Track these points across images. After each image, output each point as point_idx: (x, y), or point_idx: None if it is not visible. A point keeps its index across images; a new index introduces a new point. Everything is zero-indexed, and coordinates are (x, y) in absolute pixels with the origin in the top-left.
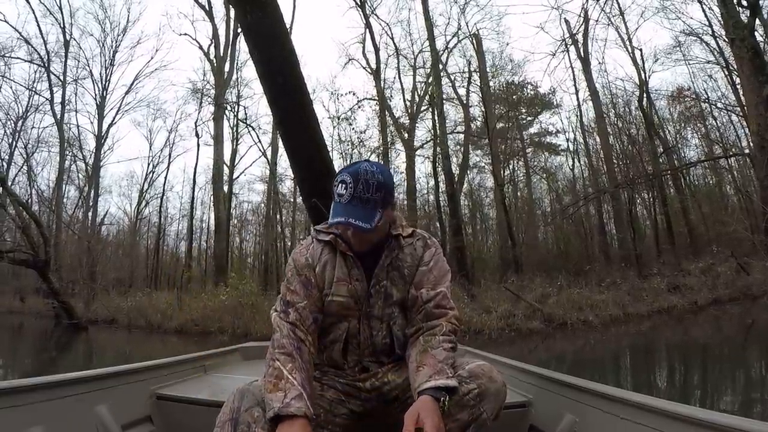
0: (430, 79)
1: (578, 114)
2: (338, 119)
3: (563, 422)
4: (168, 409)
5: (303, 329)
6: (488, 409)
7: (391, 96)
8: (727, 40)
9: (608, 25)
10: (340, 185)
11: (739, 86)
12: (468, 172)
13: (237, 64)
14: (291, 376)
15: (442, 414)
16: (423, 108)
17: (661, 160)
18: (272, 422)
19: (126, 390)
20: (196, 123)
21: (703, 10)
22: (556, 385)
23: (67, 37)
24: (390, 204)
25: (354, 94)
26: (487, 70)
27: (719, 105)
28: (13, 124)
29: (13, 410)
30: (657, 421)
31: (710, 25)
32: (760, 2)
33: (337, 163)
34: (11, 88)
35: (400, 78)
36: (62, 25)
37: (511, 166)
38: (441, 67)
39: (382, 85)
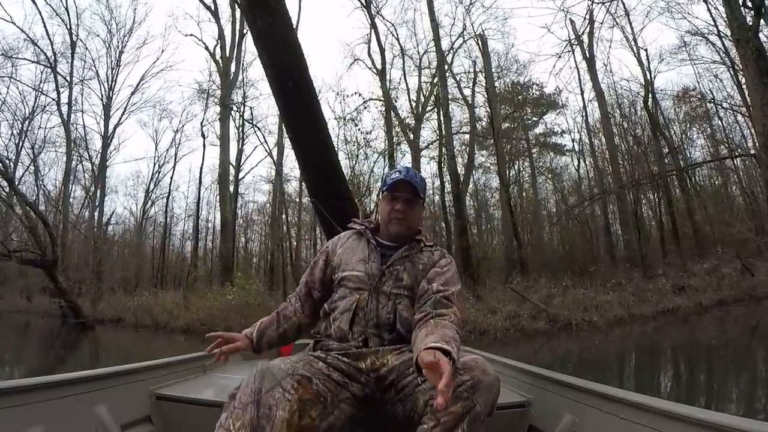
0: (436, 80)
1: (584, 114)
2: (344, 120)
3: (563, 422)
4: (167, 409)
5: (297, 297)
6: (481, 402)
7: (397, 96)
8: (732, 40)
9: (613, 25)
10: (393, 173)
11: (744, 86)
12: (473, 172)
13: (243, 64)
14: (260, 322)
15: None
16: (428, 108)
17: (666, 161)
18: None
19: (125, 390)
20: (202, 123)
21: (709, 10)
22: (555, 385)
23: (74, 38)
24: (425, 199)
25: (360, 94)
26: (493, 70)
27: (725, 105)
28: (20, 125)
29: (13, 410)
30: (656, 421)
31: (716, 25)
32: (766, 3)
33: (344, 164)
34: (18, 88)
35: (405, 78)
36: (69, 26)
37: (516, 167)
38: (446, 67)
39: (387, 86)
